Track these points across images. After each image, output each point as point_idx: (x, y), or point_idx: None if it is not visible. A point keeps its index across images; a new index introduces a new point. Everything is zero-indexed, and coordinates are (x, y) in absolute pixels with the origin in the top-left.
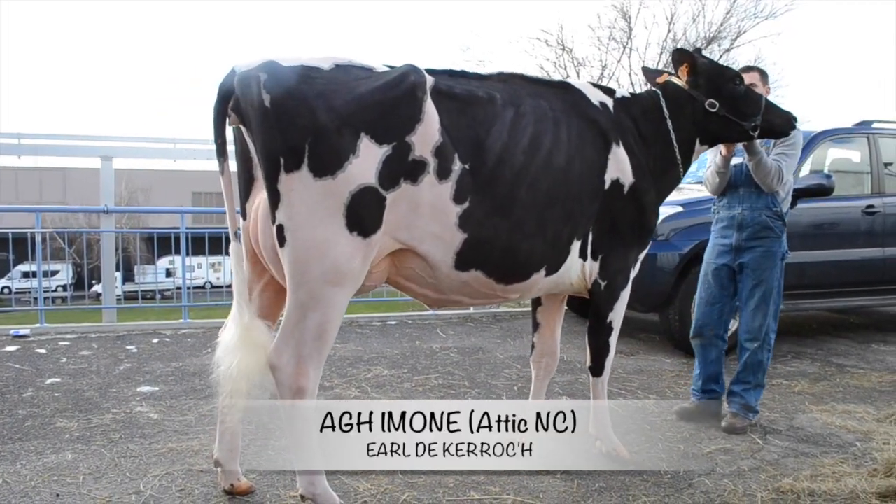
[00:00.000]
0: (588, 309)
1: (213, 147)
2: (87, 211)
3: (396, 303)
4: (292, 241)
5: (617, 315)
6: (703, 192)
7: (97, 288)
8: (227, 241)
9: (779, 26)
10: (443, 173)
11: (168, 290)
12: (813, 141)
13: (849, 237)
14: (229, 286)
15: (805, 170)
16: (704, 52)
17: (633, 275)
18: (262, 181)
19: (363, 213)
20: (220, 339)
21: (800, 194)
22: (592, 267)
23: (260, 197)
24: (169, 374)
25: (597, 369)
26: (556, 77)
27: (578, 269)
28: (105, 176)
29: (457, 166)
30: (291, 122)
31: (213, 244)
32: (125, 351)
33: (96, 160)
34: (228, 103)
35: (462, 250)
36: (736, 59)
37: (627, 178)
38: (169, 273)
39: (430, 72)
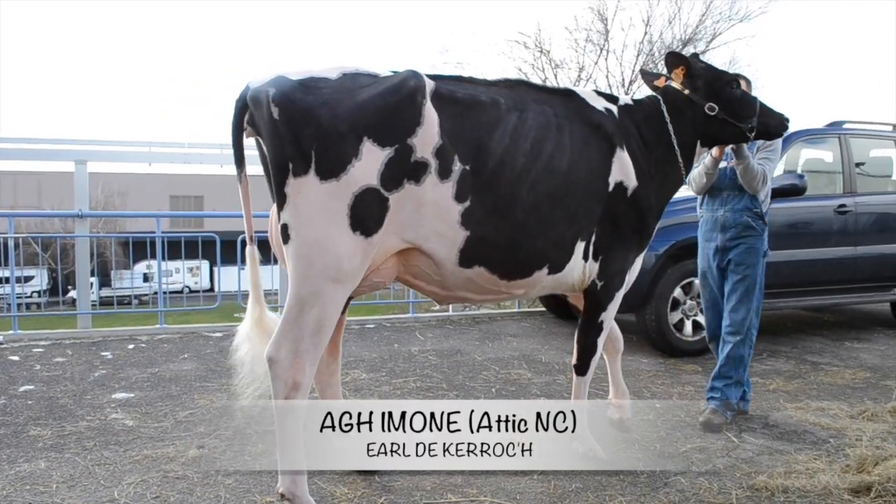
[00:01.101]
0: (567, 311)
1: (189, 151)
2: (61, 215)
3: (375, 306)
4: (296, 238)
5: (608, 315)
6: (679, 193)
7: (73, 294)
8: (205, 244)
9: (753, 29)
10: (444, 173)
11: (145, 295)
12: (786, 142)
13: (822, 236)
14: (207, 290)
15: (779, 170)
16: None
17: (630, 277)
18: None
19: (366, 214)
20: (237, 330)
21: (774, 194)
22: (592, 267)
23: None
24: (145, 380)
25: (581, 368)
26: (535, 79)
27: (581, 270)
28: (79, 180)
29: (457, 167)
30: (298, 131)
31: (190, 248)
32: (100, 357)
33: (71, 164)
34: (244, 117)
35: (465, 247)
36: (711, 62)
37: (631, 182)
38: (147, 278)
39: (436, 77)
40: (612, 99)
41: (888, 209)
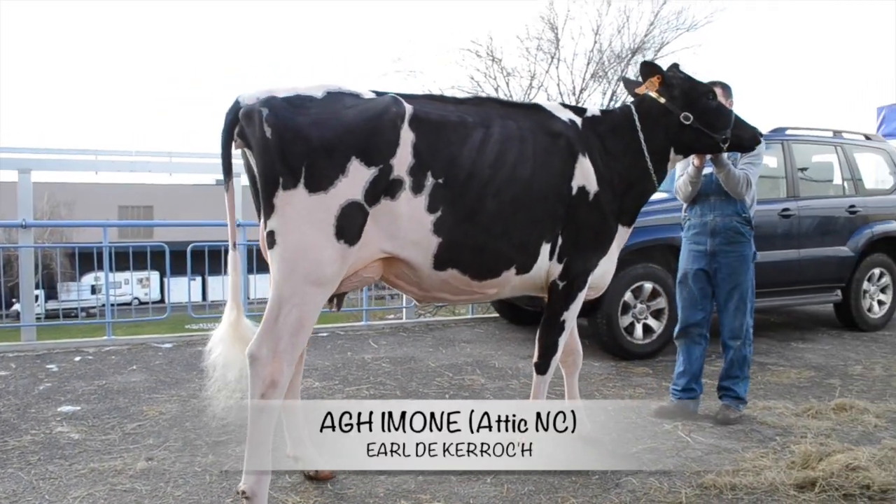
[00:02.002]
0: (520, 316)
1: (136, 159)
2: (4, 226)
3: (327, 315)
4: (282, 243)
5: (570, 315)
6: None
7: (17, 307)
8: (154, 255)
9: (699, 38)
10: (417, 188)
11: (93, 307)
12: None
13: (767, 240)
14: (156, 302)
15: None
16: (633, 64)
17: (603, 282)
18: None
19: (350, 224)
20: (212, 333)
21: None
22: (555, 268)
23: None
24: (92, 392)
25: (542, 367)
26: (488, 87)
27: (547, 270)
28: (23, 189)
29: (429, 181)
30: (290, 150)
31: (139, 259)
32: (45, 370)
33: (14, 173)
34: (234, 130)
35: (438, 252)
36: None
37: (592, 187)
38: (94, 290)
39: (411, 97)
40: (578, 111)
41: (830, 213)
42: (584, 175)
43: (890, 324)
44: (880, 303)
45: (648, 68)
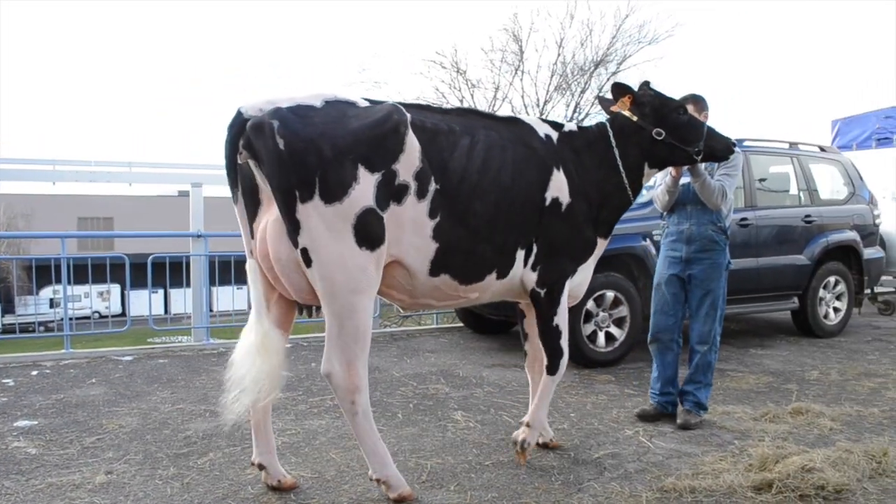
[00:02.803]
0: (484, 326)
1: (96, 169)
2: None
3: (295, 325)
4: (317, 260)
5: (562, 319)
6: None
7: None
8: (112, 267)
9: (661, 51)
10: (421, 194)
11: (51, 321)
12: None
13: None
14: (115, 316)
15: None
16: (596, 76)
17: (569, 285)
18: (269, 206)
19: (368, 230)
20: (238, 345)
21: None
22: (530, 275)
23: (266, 219)
24: (49, 406)
25: (551, 368)
26: (453, 99)
27: (520, 276)
28: None
29: (432, 187)
30: (303, 161)
31: (98, 272)
32: (1, 385)
33: None
34: (239, 142)
35: (434, 258)
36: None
37: (565, 198)
38: (53, 303)
39: (406, 107)
40: (556, 126)
41: (786, 222)
42: (558, 187)
43: (845, 330)
44: (836, 310)
45: (619, 89)
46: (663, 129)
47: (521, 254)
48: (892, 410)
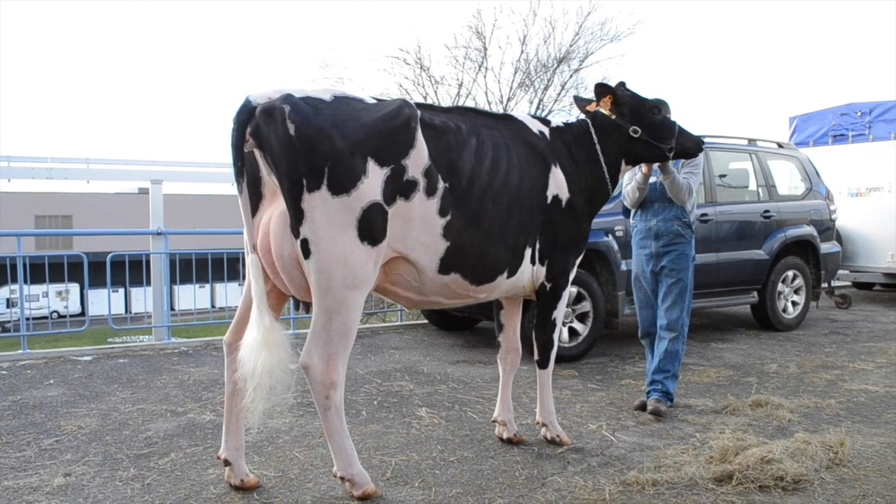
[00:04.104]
0: (449, 322)
1: (53, 166)
2: None
3: None
4: (317, 253)
5: (559, 313)
6: None
7: None
8: (70, 266)
9: (623, 48)
10: (430, 191)
11: (8, 321)
12: None
13: None
14: (74, 316)
15: None
16: (559, 73)
17: (571, 277)
18: (272, 200)
19: (372, 225)
20: (242, 343)
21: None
22: (540, 271)
23: (269, 213)
24: (5, 408)
25: (543, 362)
26: (416, 95)
27: (529, 273)
28: None
29: (441, 185)
30: (313, 149)
31: (56, 271)
32: None
33: None
34: (246, 130)
35: (445, 256)
36: (584, 80)
37: (564, 194)
38: (10, 303)
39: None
40: (545, 122)
41: (746, 218)
42: (557, 184)
43: (803, 323)
44: (794, 303)
45: (602, 89)
46: (640, 128)
47: (528, 252)
48: (848, 402)
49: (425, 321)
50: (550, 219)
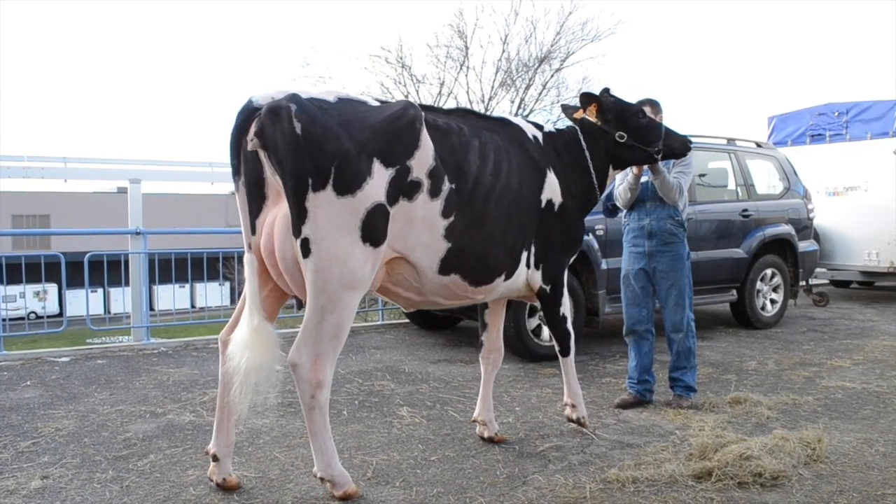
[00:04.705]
0: (429, 322)
1: (30, 165)
2: None
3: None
4: (316, 252)
5: (566, 307)
6: None
7: None
8: (47, 266)
9: (604, 48)
10: (434, 192)
11: None
12: None
13: None
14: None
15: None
16: (540, 73)
17: (565, 275)
18: (276, 201)
19: (375, 227)
20: (231, 338)
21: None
22: (535, 275)
23: (273, 214)
24: None
25: (564, 350)
26: (398, 94)
27: (524, 276)
28: None
29: (446, 186)
30: (320, 148)
31: (33, 271)
32: None
33: None
34: (248, 130)
35: (445, 257)
36: (566, 79)
37: (558, 199)
38: None
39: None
40: (538, 127)
41: (725, 217)
42: (551, 188)
43: (782, 321)
44: (772, 301)
45: (587, 98)
46: (625, 133)
47: (524, 255)
48: (826, 398)
49: (406, 320)
50: (544, 222)
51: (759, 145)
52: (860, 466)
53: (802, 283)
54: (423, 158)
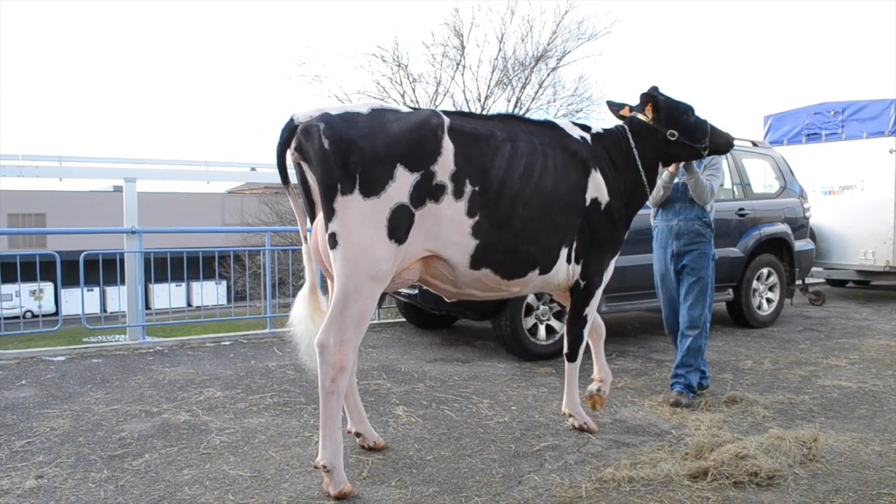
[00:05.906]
0: (425, 321)
1: (25, 164)
2: None
3: (234, 323)
4: (343, 244)
5: (591, 310)
6: None
7: None
8: (43, 265)
9: (600, 47)
10: (458, 194)
11: None
12: None
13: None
14: (48, 315)
15: None
16: (537, 71)
17: (606, 277)
18: (319, 205)
19: (399, 225)
20: (292, 313)
21: None
22: (575, 269)
23: (319, 214)
24: None
25: (572, 356)
26: (394, 93)
27: (564, 271)
28: None
29: (468, 188)
30: (345, 159)
31: (29, 270)
32: None
33: None
34: (290, 144)
35: (475, 253)
36: (562, 78)
37: (604, 198)
38: None
39: (446, 113)
40: (585, 128)
41: (721, 216)
42: (597, 187)
43: (778, 320)
44: (769, 300)
45: (645, 98)
46: (676, 131)
47: (564, 252)
48: (822, 398)
49: (403, 319)
50: (588, 221)
51: (755, 144)
52: (856, 466)
53: (799, 282)
54: (446, 163)
